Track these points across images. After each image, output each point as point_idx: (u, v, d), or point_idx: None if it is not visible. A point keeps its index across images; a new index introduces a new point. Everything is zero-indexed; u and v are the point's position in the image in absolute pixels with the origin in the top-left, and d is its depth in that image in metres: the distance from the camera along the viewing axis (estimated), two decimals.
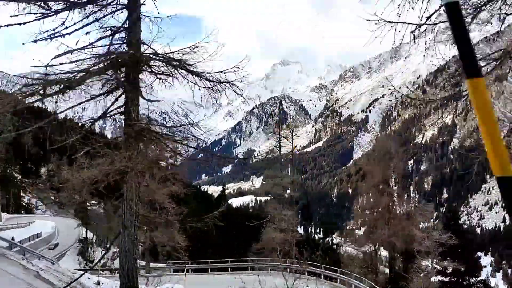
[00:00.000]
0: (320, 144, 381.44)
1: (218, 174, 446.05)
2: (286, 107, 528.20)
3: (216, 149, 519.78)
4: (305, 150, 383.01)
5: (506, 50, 7.38)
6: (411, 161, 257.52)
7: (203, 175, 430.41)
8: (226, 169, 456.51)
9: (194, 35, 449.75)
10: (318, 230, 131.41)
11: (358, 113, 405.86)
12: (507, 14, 7.03)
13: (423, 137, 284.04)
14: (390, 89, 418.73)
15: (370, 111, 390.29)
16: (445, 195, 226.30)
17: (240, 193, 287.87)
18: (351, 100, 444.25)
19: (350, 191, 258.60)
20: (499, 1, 6.83)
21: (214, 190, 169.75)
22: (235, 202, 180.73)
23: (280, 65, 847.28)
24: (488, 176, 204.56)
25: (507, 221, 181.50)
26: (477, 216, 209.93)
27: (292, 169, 43.64)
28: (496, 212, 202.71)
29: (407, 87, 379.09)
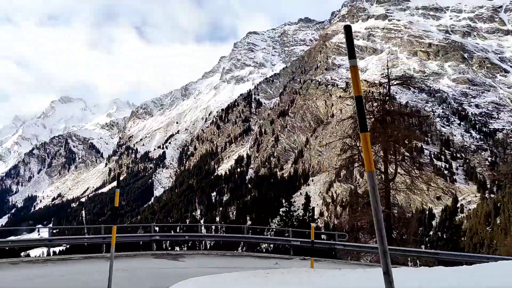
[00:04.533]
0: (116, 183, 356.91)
1: None
2: (74, 146, 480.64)
3: None
4: (100, 191, 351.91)
5: None
6: (214, 193, 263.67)
7: None
8: (1, 221, 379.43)
9: None
10: None
11: (154, 149, 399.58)
12: None
13: (222, 170, 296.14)
14: (184, 124, 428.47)
15: (166, 147, 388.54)
16: (249, 222, 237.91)
17: (27, 247, 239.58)
18: (146, 136, 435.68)
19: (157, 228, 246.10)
20: None
21: None
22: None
23: (60, 102, 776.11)
24: (283, 201, 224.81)
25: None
26: None
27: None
28: None
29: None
